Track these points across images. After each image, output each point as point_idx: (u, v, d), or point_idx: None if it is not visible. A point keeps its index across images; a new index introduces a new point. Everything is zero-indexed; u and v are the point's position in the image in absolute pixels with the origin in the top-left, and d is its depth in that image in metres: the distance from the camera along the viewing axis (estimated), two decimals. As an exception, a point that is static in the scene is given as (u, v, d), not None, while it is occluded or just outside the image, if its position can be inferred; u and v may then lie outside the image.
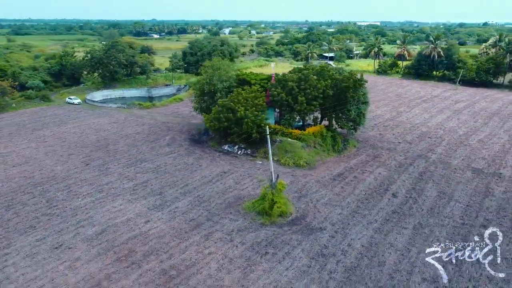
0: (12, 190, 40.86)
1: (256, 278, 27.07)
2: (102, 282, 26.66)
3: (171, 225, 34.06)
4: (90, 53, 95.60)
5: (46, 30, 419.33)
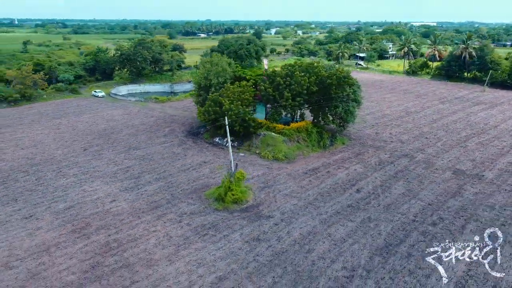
0: (11, 168, 45.89)
1: (185, 254, 29.22)
2: (50, 248, 30.04)
3: (133, 205, 37.00)
4: (120, 50, 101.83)
5: (104, 30, 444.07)
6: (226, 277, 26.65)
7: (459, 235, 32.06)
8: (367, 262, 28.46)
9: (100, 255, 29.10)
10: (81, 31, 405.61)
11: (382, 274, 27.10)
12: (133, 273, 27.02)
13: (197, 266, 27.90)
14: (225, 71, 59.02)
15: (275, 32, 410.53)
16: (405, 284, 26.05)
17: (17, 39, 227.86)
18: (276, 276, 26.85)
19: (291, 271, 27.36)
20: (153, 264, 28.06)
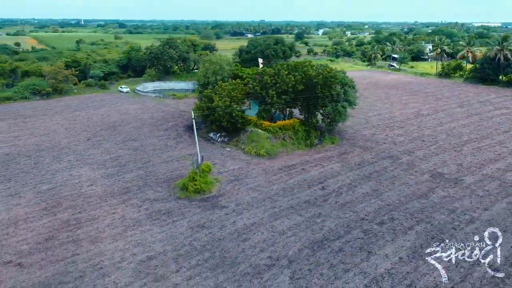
0: (18, 153, 51.26)
1: (129, 235, 31.90)
2: (19, 221, 33.98)
3: (106, 189, 40.38)
4: (149, 49, 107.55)
5: (160, 30, 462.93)
6: (155, 257, 28.93)
7: (402, 235, 32.01)
8: (295, 253, 29.47)
9: (57, 230, 32.50)
10: (136, 31, 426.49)
11: (302, 265, 28.05)
12: (77, 247, 30.07)
13: (135, 245, 30.42)
14: (222, 70, 61.32)
15: (323, 33, 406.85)
16: (320, 276, 26.86)
17: (75, 38, 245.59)
18: (201, 259, 28.71)
19: (218, 256, 29.07)
20: (97, 241, 30.97)
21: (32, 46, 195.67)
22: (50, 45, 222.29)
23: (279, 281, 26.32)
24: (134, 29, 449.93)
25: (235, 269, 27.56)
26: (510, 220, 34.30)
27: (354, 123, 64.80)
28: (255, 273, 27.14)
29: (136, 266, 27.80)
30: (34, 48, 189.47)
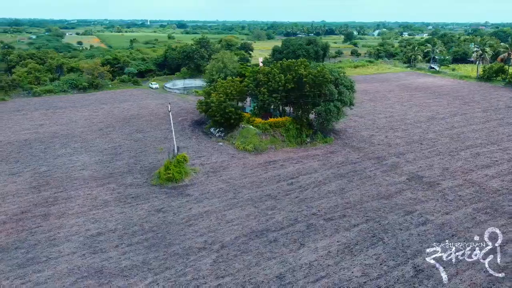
0: (36, 139, 57.37)
1: (92, 213, 35.44)
2: (8, 196, 38.88)
3: (93, 174, 44.53)
4: (183, 48, 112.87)
5: (218, 30, 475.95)
6: (104, 233, 32.13)
7: (343, 231, 32.56)
8: (230, 240, 31.27)
9: (35, 205, 36.86)
10: (193, 31, 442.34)
11: (231, 251, 29.80)
12: (44, 221, 34.09)
13: (92, 222, 33.85)
14: (226, 68, 63.79)
15: (378, 34, 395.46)
16: (242, 262, 28.48)
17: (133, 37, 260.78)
18: (143, 239, 31.44)
19: (159, 237, 31.65)
20: (63, 217, 34.82)
21: (90, 45, 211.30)
22: (108, 44, 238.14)
23: (202, 263, 28.29)
24: (193, 29, 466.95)
25: (168, 249, 29.93)
26: (465, 225, 33.43)
27: (359, 124, 64.54)
28: (183, 254, 29.33)
29: (83, 240, 31.13)
30: (92, 46, 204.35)
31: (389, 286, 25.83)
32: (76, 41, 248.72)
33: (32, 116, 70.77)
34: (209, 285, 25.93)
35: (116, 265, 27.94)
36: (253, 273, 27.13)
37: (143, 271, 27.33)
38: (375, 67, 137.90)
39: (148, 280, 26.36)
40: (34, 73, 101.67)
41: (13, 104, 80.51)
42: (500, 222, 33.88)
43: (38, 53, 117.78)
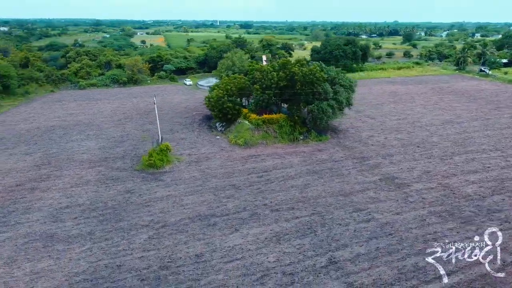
0: (60, 126, 64.51)
1: (72, 190, 40.20)
2: (12, 171, 45.09)
3: (91, 158, 49.75)
4: (220, 47, 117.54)
5: (282, 30, 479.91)
6: (70, 207, 36.59)
7: (282, 222, 33.96)
8: (175, 221, 34.15)
9: (29, 180, 42.54)
10: (256, 31, 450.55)
11: (170, 230, 32.69)
12: (30, 193, 39.45)
13: (67, 197, 38.56)
14: (234, 66, 66.54)
15: (446, 35, 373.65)
16: (173, 240, 31.24)
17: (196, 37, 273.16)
18: (101, 214, 35.40)
19: (114, 213, 35.41)
20: (46, 191, 39.97)
21: (151, 44, 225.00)
22: (169, 43, 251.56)
23: (138, 238, 31.51)
24: (256, 29, 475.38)
25: (115, 224, 33.55)
26: (408, 226, 33.25)
27: (366, 124, 64.20)
28: (127, 229, 32.76)
29: (52, 211, 35.80)
30: (152, 45, 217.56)
31: (294, 273, 27.07)
32: (140, 40, 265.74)
33: (68, 106, 78.96)
34: (133, 256, 28.99)
35: (66, 233, 32.06)
36: (177, 250, 29.75)
37: (85, 239, 31.13)
38: (419, 69, 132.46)
39: (85, 247, 30.08)
40: (86, 68, 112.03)
41: (58, 96, 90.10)
42: (448, 226, 33.18)
43: (93, 50, 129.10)
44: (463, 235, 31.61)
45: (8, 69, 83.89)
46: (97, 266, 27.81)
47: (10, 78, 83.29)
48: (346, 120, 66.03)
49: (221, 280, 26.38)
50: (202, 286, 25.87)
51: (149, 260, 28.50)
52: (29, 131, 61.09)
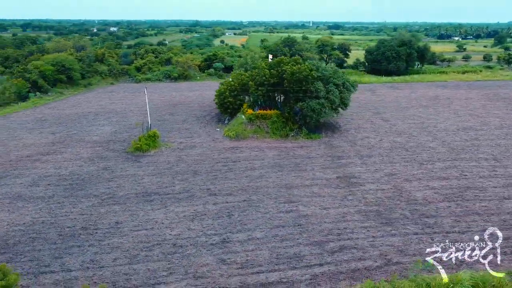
0: (96, 112, 74.07)
1: (63, 163, 47.61)
2: (33, 146, 54.26)
3: (98, 139, 57.29)
4: (269, 46, 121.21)
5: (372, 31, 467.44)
6: (51, 176, 43.67)
7: (210, 205, 37.01)
8: (122, 195, 39.10)
9: (38, 154, 51.03)
10: (341, 32, 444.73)
11: (111, 201, 37.79)
12: (31, 164, 47.63)
13: (54, 168, 45.88)
14: (247, 64, 69.84)
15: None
16: (105, 206, 36.27)
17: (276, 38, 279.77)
18: (71, 184, 41.79)
19: (81, 185, 41.56)
20: (46, 163, 47.85)
21: (226, 43, 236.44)
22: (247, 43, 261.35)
23: (82, 205, 36.99)
24: (344, 30, 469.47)
25: (74, 192, 39.62)
26: (323, 220, 34.07)
27: (371, 126, 63.36)
28: (80, 197, 38.56)
29: (35, 177, 43.22)
30: (227, 45, 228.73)
31: (183, 245, 30.16)
32: (220, 40, 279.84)
33: (115, 96, 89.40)
34: (67, 217, 34.51)
35: (32, 195, 38.91)
36: (104, 217, 34.59)
37: (42, 201, 37.55)
38: (487, 74, 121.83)
39: (38, 207, 36.41)
40: (148, 65, 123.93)
41: (113, 87, 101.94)
42: (363, 224, 33.33)
43: (159, 49, 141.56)
44: (368, 234, 31.66)
45: (73, 62, 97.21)
46: (36, 221, 33.81)
47: (73, 70, 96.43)
48: (355, 121, 65.89)
49: (120, 242, 30.53)
50: (103, 245, 30.27)
51: (77, 221, 33.74)
52: (68, 116, 71.36)
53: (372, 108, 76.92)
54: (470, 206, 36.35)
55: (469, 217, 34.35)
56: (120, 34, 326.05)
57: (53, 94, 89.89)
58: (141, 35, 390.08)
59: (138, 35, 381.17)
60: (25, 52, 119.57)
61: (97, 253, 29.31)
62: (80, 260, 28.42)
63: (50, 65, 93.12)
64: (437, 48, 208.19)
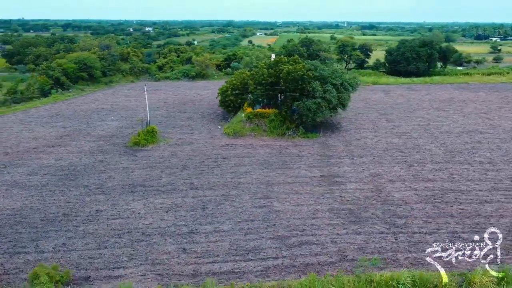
0: (109, 108, 77.44)
1: (66, 155, 50.54)
2: (42, 138, 57.76)
3: (103, 133, 60.12)
4: (287, 47, 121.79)
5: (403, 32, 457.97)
6: (50, 166, 46.55)
7: (189, 198, 38.50)
8: (110, 186, 41.30)
9: (44, 146, 54.24)
10: (373, 32, 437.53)
11: (94, 188, 40.01)
12: (36, 155, 50.81)
13: (55, 160, 48.78)
14: (252, 63, 70.97)
15: None
16: (87, 193, 38.50)
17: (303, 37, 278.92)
18: (66, 174, 44.45)
19: (75, 175, 44.14)
20: (48, 154, 50.92)
21: (253, 44, 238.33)
22: (274, 43, 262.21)
23: (72, 193, 39.36)
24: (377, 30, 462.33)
25: (67, 182, 42.15)
26: (291, 216, 34.75)
27: (373, 127, 62.96)
28: (71, 186, 41.00)
29: (35, 167, 46.20)
30: (254, 45, 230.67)
31: (151, 234, 31.72)
32: (248, 41, 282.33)
33: (131, 94, 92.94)
34: (54, 204, 36.91)
35: (28, 183, 41.74)
36: (88, 205, 36.70)
37: (36, 189, 40.22)
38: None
39: (30, 194, 39.06)
40: (170, 64, 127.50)
41: (133, 85, 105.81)
42: (332, 222, 33.73)
43: (181, 48, 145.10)
44: (332, 231, 32.10)
45: (94, 61, 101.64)
46: (25, 207, 36.43)
47: (94, 68, 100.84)
48: (358, 121, 65.89)
49: (95, 229, 32.49)
50: (79, 231, 32.33)
51: (61, 208, 36.06)
52: (83, 111, 75.04)
53: (381, 109, 76.14)
54: (446, 209, 35.91)
55: (442, 219, 34.01)
56: (153, 34, 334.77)
57: (74, 91, 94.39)
58: (173, 35, 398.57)
59: (170, 35, 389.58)
60: (53, 50, 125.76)
61: (71, 237, 31.35)
62: (54, 243, 30.54)
63: (73, 63, 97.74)
64: (470, 49, 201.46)
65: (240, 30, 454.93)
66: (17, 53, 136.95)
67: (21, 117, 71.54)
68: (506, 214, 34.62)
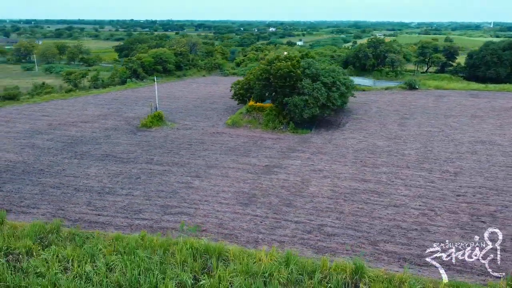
0: (152, 97, 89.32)
1: (80, 127, 62.48)
2: (82, 115, 71.31)
3: (128, 116, 71.32)
4: (354, 48, 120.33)
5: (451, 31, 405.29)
6: (57, 141, 58.53)
7: (136, 169, 45.79)
8: (96, 154, 51.08)
9: (74, 121, 67.31)
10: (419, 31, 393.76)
11: (87, 157, 50.02)
12: (62, 126, 63.82)
13: (70, 131, 60.75)
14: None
15: None
16: (79, 161, 48.49)
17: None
18: (67, 142, 55.73)
19: (74, 143, 55.12)
20: (70, 126, 63.49)
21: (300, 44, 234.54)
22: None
23: (64, 156, 50.05)
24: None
25: (68, 149, 53.01)
26: (199, 196, 39.41)
27: (377, 131, 61.45)
28: (67, 153, 51.80)
29: (55, 136, 58.50)
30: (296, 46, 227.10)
31: (79, 189, 39.74)
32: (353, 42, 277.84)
33: (189, 86, 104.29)
34: (41, 162, 47.67)
35: (41, 145, 53.73)
36: (60, 165, 46.55)
37: (42, 151, 51.84)
38: None
39: (36, 153, 50.75)
40: (246, 61, 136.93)
41: (201, 79, 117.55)
42: (226, 201, 37.43)
43: (262, 47, 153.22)
44: (213, 207, 35.86)
45: (169, 56, 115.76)
46: (22, 160, 47.82)
47: (168, 62, 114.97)
48: (365, 122, 64.81)
49: (47, 180, 41.82)
50: (33, 180, 41.92)
51: (42, 165, 46.47)
52: (137, 97, 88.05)
53: (408, 113, 72.50)
54: (345, 206, 36.16)
55: (325, 213, 34.73)
56: (270, 34, 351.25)
57: (147, 81, 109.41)
58: (287, 35, 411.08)
59: (284, 35, 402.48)
60: (145, 46, 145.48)
61: (27, 184, 41.05)
62: (10, 186, 40.46)
63: (151, 57, 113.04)
64: None
65: (358, 31, 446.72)
66: (126, 48, 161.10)
67: (89, 99, 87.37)
68: (382, 217, 33.69)
